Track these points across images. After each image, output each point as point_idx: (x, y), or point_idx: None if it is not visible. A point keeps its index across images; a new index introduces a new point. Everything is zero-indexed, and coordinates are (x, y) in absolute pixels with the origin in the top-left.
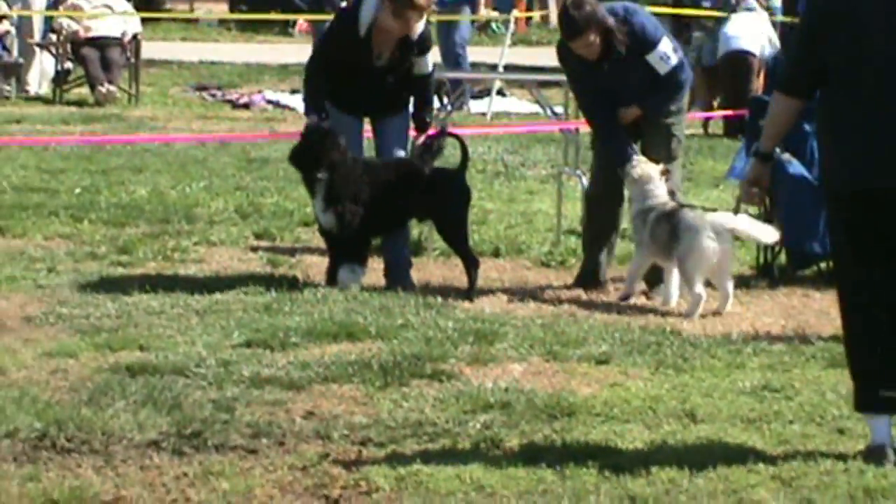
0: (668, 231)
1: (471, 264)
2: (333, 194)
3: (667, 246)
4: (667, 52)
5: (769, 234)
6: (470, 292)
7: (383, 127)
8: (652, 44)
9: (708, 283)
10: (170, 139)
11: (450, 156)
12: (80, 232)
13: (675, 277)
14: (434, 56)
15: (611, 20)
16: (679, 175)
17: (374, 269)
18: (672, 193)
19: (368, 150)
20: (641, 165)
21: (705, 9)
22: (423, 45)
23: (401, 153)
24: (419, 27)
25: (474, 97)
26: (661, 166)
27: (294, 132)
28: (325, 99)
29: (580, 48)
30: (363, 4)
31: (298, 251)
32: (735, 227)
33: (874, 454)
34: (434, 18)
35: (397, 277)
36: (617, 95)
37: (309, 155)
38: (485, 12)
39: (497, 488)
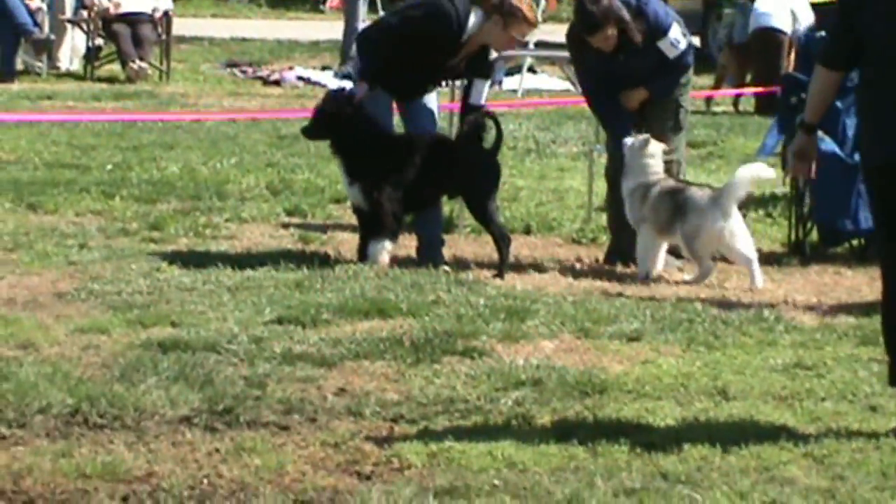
0: (672, 209)
1: (502, 241)
2: (359, 167)
3: (668, 223)
4: (677, 37)
5: (765, 171)
6: (501, 269)
7: (413, 102)
8: (664, 30)
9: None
10: (201, 117)
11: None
12: (111, 208)
13: (663, 246)
14: (489, 87)
15: (626, 13)
16: (683, 148)
17: (406, 247)
18: (678, 164)
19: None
20: (639, 139)
21: None
22: (488, 69)
23: (433, 127)
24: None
25: (506, 74)
26: (662, 144)
27: None
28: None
29: (598, 42)
30: (472, 14)
31: (330, 228)
32: (741, 192)
33: None
34: None
35: (429, 255)
36: (624, 79)
37: (330, 121)
38: None
39: (529, 465)
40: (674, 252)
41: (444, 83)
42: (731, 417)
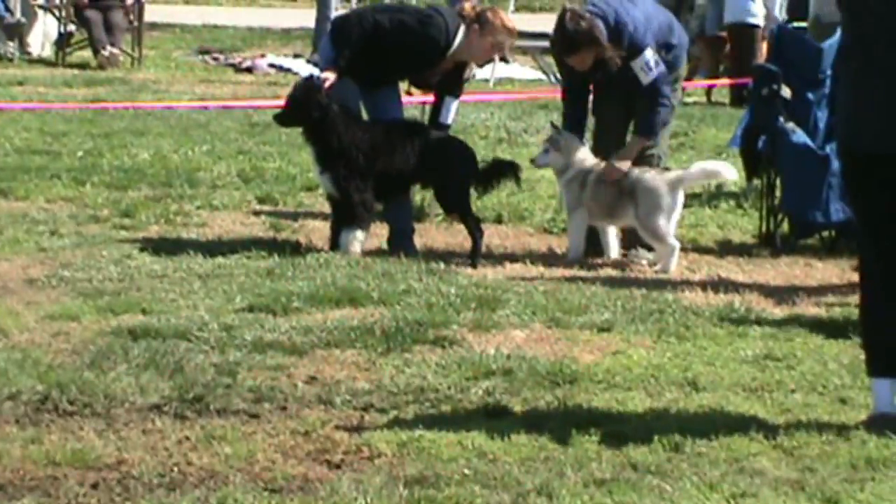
0: (617, 192)
1: (475, 231)
2: (330, 156)
3: (613, 207)
4: (649, 61)
5: (727, 170)
6: (475, 259)
7: (376, 93)
8: (637, 51)
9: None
10: (172, 106)
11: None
12: (82, 195)
13: (611, 230)
14: (456, 108)
15: (604, 38)
16: (666, 142)
17: (378, 235)
18: (659, 158)
19: None
20: (567, 135)
21: None
22: (459, 88)
23: (396, 114)
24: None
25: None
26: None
27: None
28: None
29: (573, 62)
30: (458, 31)
31: (301, 216)
32: (689, 177)
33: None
34: None
35: (400, 244)
36: (604, 85)
37: (302, 108)
38: None
39: (499, 455)
40: (645, 244)
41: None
42: (701, 408)
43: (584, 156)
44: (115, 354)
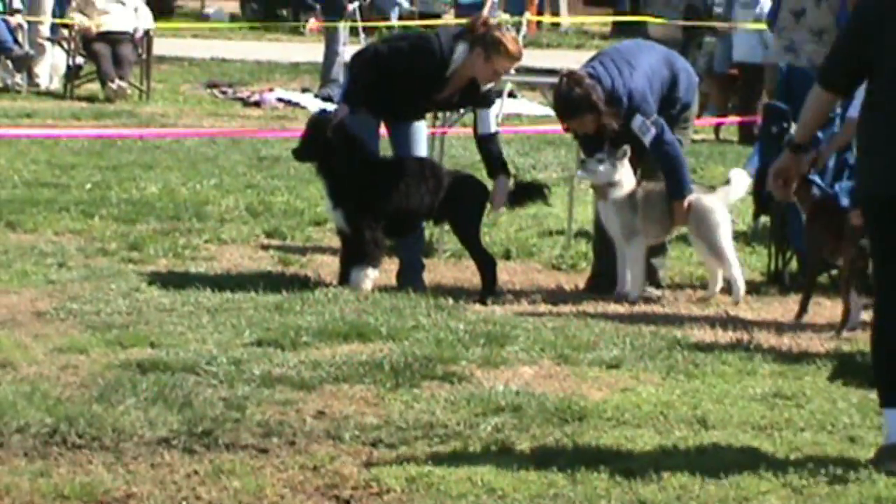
0: (668, 207)
1: (487, 267)
2: (342, 191)
3: (667, 221)
4: (645, 122)
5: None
6: (487, 294)
7: (402, 128)
8: (632, 113)
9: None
10: (181, 134)
11: (460, 157)
12: (90, 228)
13: (634, 269)
14: (495, 113)
15: (602, 102)
16: None
17: (385, 270)
18: None
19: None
20: (600, 165)
21: (717, 17)
22: (486, 98)
23: (422, 153)
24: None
25: None
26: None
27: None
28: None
29: (574, 125)
30: (456, 49)
31: (309, 250)
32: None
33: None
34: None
35: (409, 279)
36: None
37: (313, 143)
38: (497, 14)
39: (508, 491)
40: (654, 281)
41: (437, 115)
42: (710, 446)
43: (631, 177)
44: (124, 388)
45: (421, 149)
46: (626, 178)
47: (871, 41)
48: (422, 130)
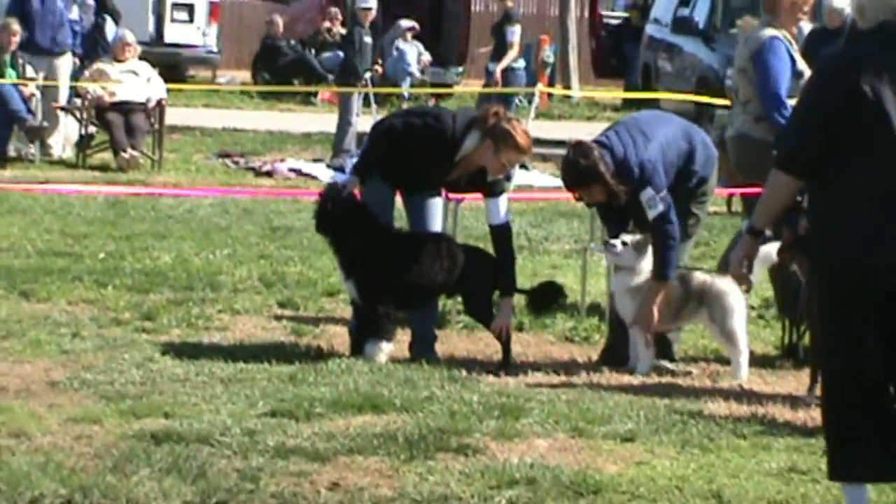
0: (684, 296)
1: (503, 339)
2: (355, 263)
3: (680, 310)
4: (655, 196)
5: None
6: (504, 366)
7: (418, 200)
8: (644, 184)
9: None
10: (191, 192)
11: (472, 228)
12: (104, 297)
13: (642, 342)
14: (506, 204)
15: (610, 172)
16: (686, 256)
17: (399, 341)
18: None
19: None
20: (624, 249)
21: (729, 90)
22: (494, 188)
23: (436, 227)
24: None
25: None
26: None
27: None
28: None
29: (582, 194)
30: (468, 133)
31: (322, 321)
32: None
33: None
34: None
35: (422, 351)
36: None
37: (331, 217)
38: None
39: None
40: (668, 356)
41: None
42: None
43: (650, 265)
44: (138, 458)
45: (436, 222)
46: (646, 266)
47: (843, 119)
48: (437, 205)
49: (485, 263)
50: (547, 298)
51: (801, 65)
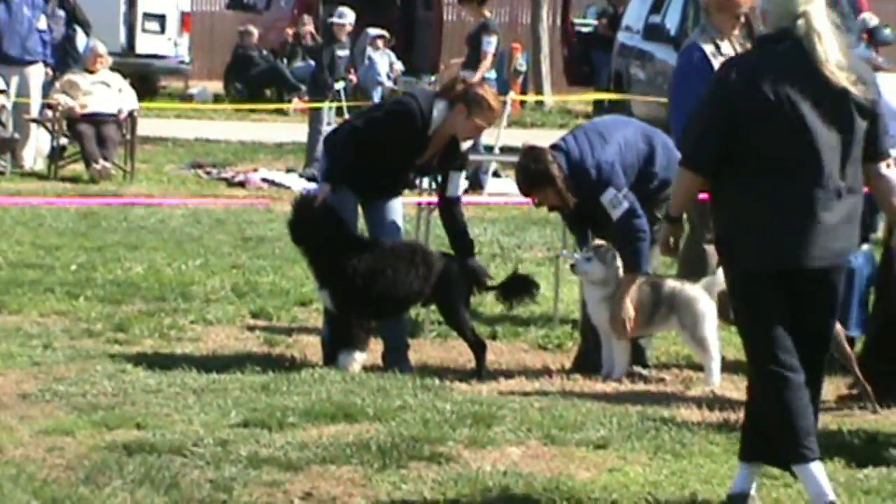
0: (654, 302)
1: (478, 347)
2: (329, 273)
3: (651, 316)
4: (614, 198)
5: None
6: (479, 374)
7: (378, 205)
8: (604, 185)
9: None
10: (164, 202)
11: (445, 236)
12: (76, 309)
13: (618, 347)
14: (462, 180)
15: (561, 177)
16: (657, 261)
17: (371, 350)
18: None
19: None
20: (613, 249)
21: None
22: (463, 160)
23: (397, 233)
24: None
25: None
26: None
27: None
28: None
29: (537, 197)
30: (434, 106)
31: (295, 331)
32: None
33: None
34: None
35: (395, 360)
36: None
37: (306, 227)
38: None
39: None
40: (641, 362)
41: (416, 181)
42: None
43: (619, 273)
44: (110, 470)
45: (397, 227)
46: (615, 275)
47: (744, 124)
48: (398, 209)
49: (460, 272)
50: (519, 289)
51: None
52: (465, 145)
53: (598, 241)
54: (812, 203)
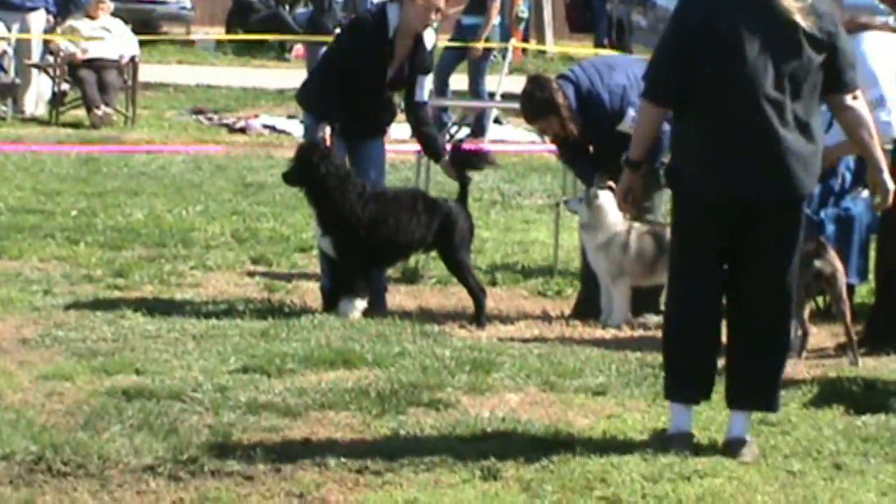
0: (658, 250)
1: (478, 293)
2: (331, 219)
3: (655, 264)
4: (635, 117)
5: None
6: (479, 320)
7: (363, 150)
8: (620, 114)
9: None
10: (164, 149)
11: (446, 183)
12: (76, 254)
13: (617, 295)
14: (429, 83)
15: (567, 105)
16: (662, 207)
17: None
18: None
19: None
20: (604, 194)
21: None
22: (428, 62)
23: (380, 178)
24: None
25: (468, 124)
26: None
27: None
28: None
29: (541, 128)
30: (388, 9)
31: (295, 277)
32: None
33: (678, 441)
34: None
35: (374, 302)
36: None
37: (307, 172)
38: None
39: None
40: (652, 309)
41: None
42: (696, 473)
43: (617, 219)
44: (109, 415)
45: (380, 174)
46: (606, 219)
47: (697, 54)
48: (382, 154)
49: (461, 218)
50: (471, 161)
51: None
52: (430, 43)
53: (609, 183)
54: (748, 135)
